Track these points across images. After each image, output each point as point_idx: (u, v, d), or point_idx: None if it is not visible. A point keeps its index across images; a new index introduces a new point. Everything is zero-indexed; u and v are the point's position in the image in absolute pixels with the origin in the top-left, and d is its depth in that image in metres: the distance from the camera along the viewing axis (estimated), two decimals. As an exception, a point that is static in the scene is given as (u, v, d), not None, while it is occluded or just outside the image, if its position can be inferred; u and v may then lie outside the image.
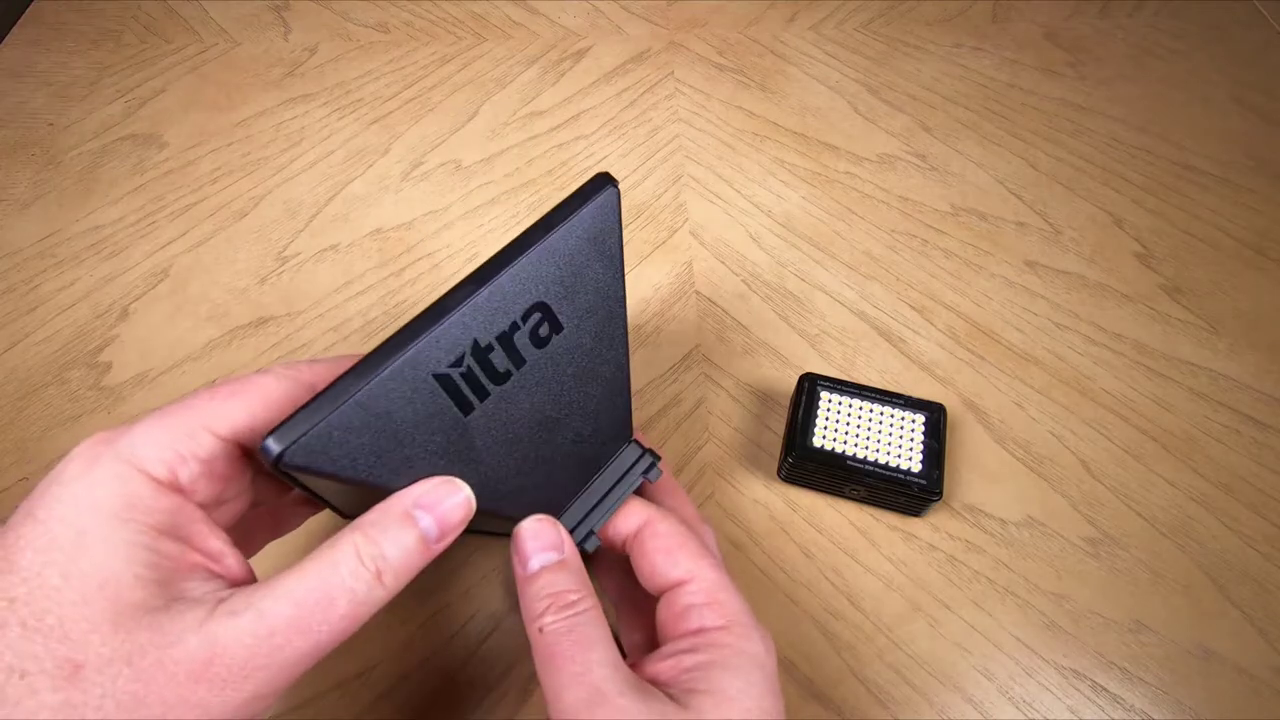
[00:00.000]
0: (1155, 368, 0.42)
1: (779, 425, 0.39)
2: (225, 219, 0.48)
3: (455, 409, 0.23)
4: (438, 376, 0.22)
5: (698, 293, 0.45)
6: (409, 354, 0.21)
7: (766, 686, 0.24)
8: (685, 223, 0.48)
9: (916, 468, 0.35)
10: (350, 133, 0.53)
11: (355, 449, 0.21)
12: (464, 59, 0.58)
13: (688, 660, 0.24)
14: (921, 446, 0.35)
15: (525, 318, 0.24)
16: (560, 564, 0.25)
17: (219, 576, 0.20)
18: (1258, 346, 0.43)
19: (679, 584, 0.26)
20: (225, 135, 0.52)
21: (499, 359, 0.23)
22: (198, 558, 0.20)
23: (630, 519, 0.28)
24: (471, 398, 0.23)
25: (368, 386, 0.20)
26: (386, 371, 0.21)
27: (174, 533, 0.19)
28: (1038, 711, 0.32)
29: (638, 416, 0.40)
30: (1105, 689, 0.33)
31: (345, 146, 0.52)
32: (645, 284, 0.45)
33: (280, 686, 0.19)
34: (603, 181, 0.25)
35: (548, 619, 0.23)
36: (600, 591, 0.29)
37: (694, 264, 0.46)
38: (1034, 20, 0.61)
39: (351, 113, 0.54)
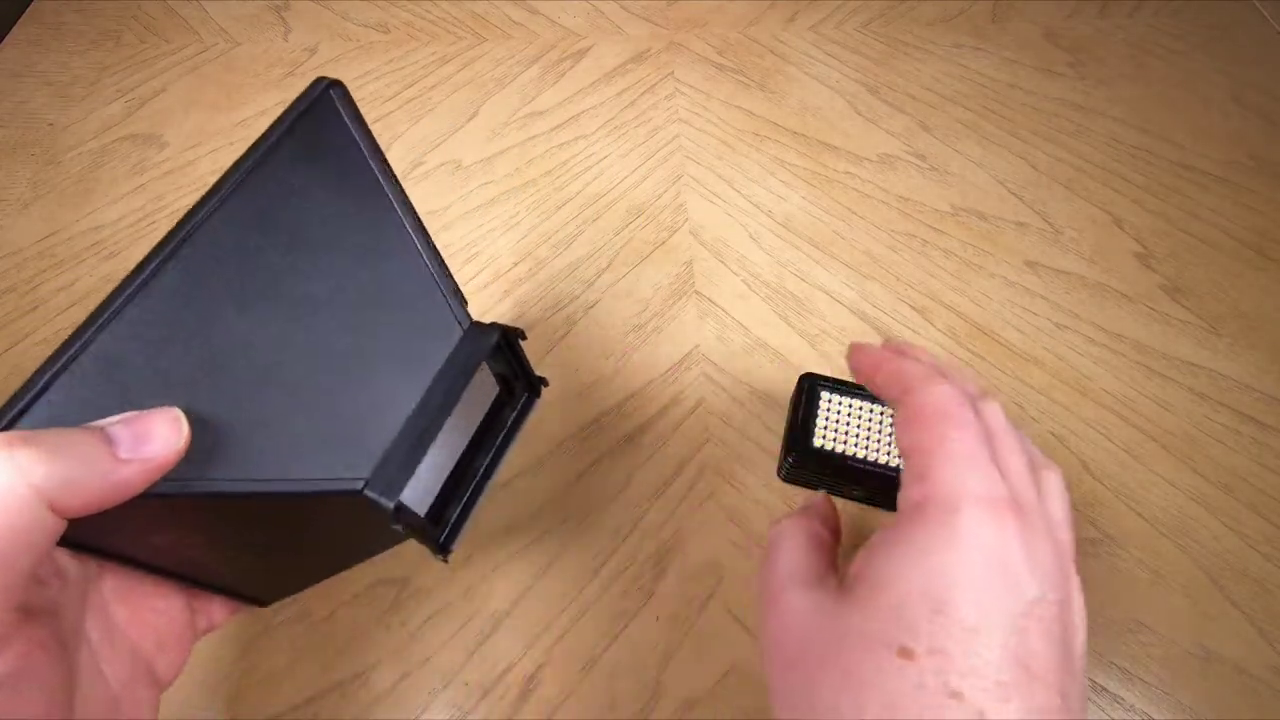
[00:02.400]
0: (1155, 368, 0.42)
1: (779, 425, 0.39)
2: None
3: (165, 387, 0.20)
4: (134, 355, 0.19)
5: (698, 293, 0.45)
6: (96, 344, 0.19)
7: (948, 569, 0.19)
8: (685, 223, 0.48)
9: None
10: (350, 133, 0.53)
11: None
12: (464, 59, 0.58)
13: (873, 540, 0.22)
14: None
15: (241, 264, 0.21)
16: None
17: None
18: (1258, 346, 0.43)
19: (905, 454, 0.23)
20: (225, 135, 0.52)
21: (216, 315, 0.20)
22: None
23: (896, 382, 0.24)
24: (179, 367, 0.20)
25: (43, 395, 0.18)
26: (68, 373, 0.18)
27: None
28: (1038, 711, 0.32)
29: (638, 417, 0.40)
30: (1105, 689, 0.33)
31: (345, 146, 0.52)
32: (645, 284, 0.45)
33: None
34: (316, 87, 0.23)
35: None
36: None
37: (694, 264, 0.46)
38: (1034, 20, 0.61)
39: (351, 113, 0.54)
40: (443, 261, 0.24)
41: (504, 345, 0.25)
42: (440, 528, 0.25)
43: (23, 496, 0.16)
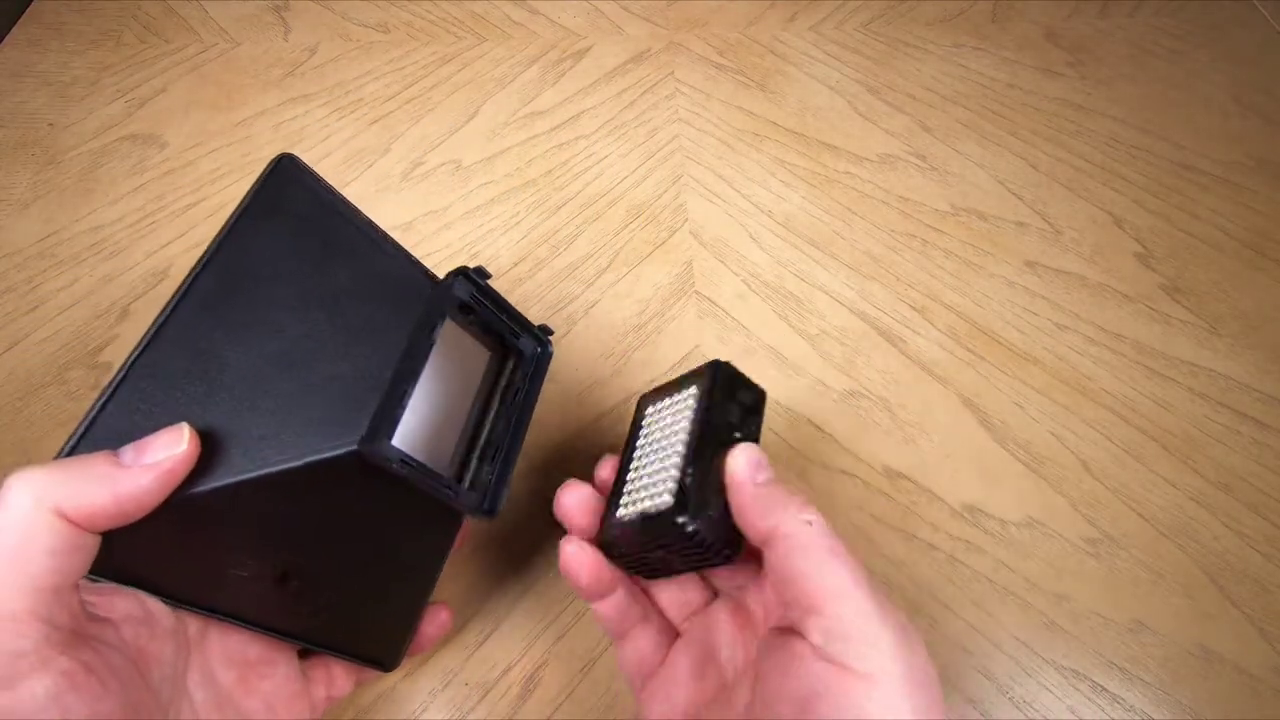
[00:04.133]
0: (1155, 368, 0.42)
1: (778, 426, 0.39)
2: (225, 219, 0.48)
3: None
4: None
5: (698, 293, 0.45)
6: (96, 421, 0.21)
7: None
8: (685, 223, 0.48)
9: (668, 498, 0.24)
10: (350, 133, 0.53)
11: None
12: (464, 59, 0.58)
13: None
14: (679, 454, 0.24)
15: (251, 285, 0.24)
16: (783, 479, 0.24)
17: None
18: (1258, 346, 0.43)
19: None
20: (225, 135, 0.52)
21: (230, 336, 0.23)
22: None
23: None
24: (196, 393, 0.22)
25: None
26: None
27: None
28: (1038, 711, 0.32)
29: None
30: (1105, 689, 0.33)
31: (345, 146, 0.52)
32: (645, 284, 0.45)
33: None
34: (277, 165, 0.26)
35: (809, 515, 0.22)
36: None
37: (694, 264, 0.46)
38: (1034, 20, 0.61)
39: (351, 113, 0.54)
40: (407, 252, 0.27)
41: (470, 286, 0.26)
42: (477, 492, 0.26)
43: (33, 509, 0.18)
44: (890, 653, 0.19)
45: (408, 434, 0.24)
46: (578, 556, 0.26)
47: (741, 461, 0.24)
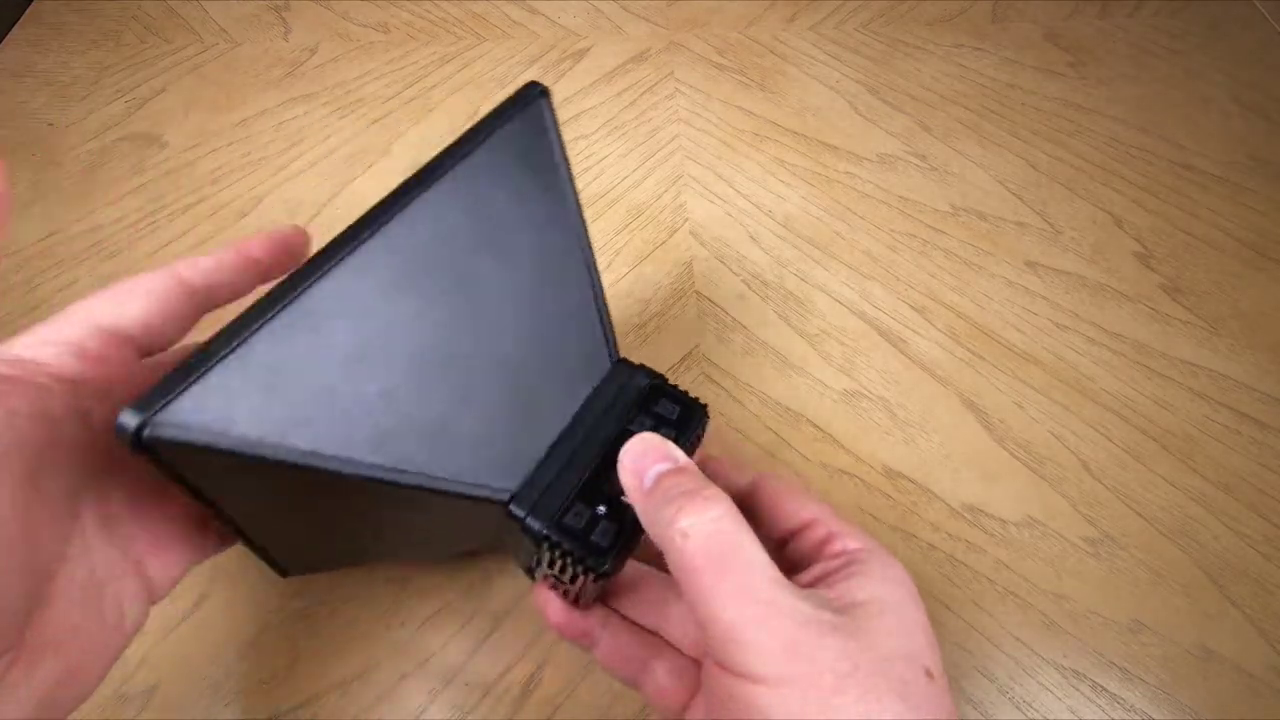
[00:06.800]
0: (1155, 368, 0.42)
1: (779, 426, 0.39)
2: (225, 219, 0.48)
3: (360, 360, 0.20)
4: (336, 320, 0.19)
5: (698, 293, 0.45)
6: (302, 300, 0.19)
7: (917, 605, 0.22)
8: (685, 223, 0.48)
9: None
10: (351, 132, 0.53)
11: (240, 415, 0.17)
12: (464, 59, 0.58)
13: (837, 571, 0.22)
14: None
15: (438, 253, 0.21)
16: (679, 469, 0.21)
17: None
18: (1258, 346, 0.43)
19: (810, 522, 0.24)
20: (225, 135, 0.52)
21: (408, 301, 0.21)
22: None
23: (745, 473, 0.27)
24: (375, 344, 0.20)
25: (252, 338, 0.18)
26: (276, 320, 0.18)
27: None
28: (1038, 711, 0.32)
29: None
30: (1105, 689, 0.33)
31: (346, 146, 0.52)
32: (645, 284, 0.45)
33: None
34: (531, 92, 0.22)
35: (686, 521, 0.19)
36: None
37: (694, 264, 0.46)
38: (1034, 20, 0.61)
39: (352, 113, 0.54)
40: (602, 293, 0.25)
41: (652, 390, 0.25)
42: (593, 552, 0.22)
43: None
44: (779, 656, 0.18)
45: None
46: (540, 590, 0.25)
47: (626, 460, 0.22)
